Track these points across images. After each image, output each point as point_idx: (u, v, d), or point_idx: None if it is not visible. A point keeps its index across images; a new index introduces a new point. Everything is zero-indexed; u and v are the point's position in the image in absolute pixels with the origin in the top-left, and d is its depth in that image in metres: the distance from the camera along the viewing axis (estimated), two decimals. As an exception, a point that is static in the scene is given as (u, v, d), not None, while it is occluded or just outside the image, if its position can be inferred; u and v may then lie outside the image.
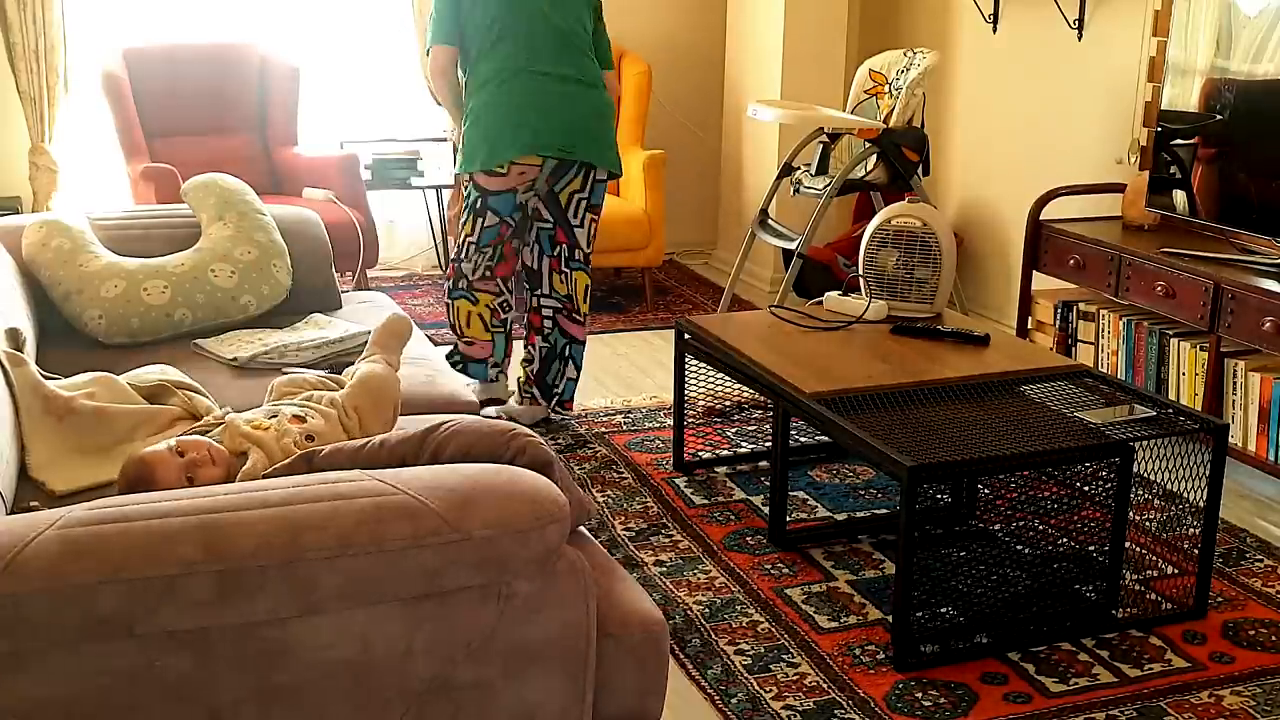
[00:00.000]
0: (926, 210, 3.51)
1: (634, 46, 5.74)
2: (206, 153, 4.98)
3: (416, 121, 5.75)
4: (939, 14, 5.30)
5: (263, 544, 1.56)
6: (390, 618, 1.65)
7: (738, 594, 2.94)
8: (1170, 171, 3.84)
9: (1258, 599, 2.96)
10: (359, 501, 1.63)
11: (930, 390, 2.98)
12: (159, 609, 1.53)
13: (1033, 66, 4.76)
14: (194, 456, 2.13)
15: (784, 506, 3.17)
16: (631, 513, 3.38)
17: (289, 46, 5.38)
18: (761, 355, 3.19)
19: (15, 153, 5.17)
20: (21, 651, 1.51)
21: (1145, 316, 3.86)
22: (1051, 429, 2.77)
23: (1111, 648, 2.73)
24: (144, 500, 1.64)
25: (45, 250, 3.14)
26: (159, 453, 2.14)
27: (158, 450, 2.15)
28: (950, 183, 5.31)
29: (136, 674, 1.56)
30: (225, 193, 3.44)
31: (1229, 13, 3.62)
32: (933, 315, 3.47)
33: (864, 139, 4.51)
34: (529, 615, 1.72)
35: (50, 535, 1.52)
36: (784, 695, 2.54)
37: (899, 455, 2.57)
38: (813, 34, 5.33)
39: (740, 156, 5.79)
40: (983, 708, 2.50)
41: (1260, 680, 2.62)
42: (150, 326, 3.15)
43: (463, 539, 1.64)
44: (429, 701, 1.70)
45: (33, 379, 2.50)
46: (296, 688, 1.63)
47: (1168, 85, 3.82)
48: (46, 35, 4.99)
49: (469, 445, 1.97)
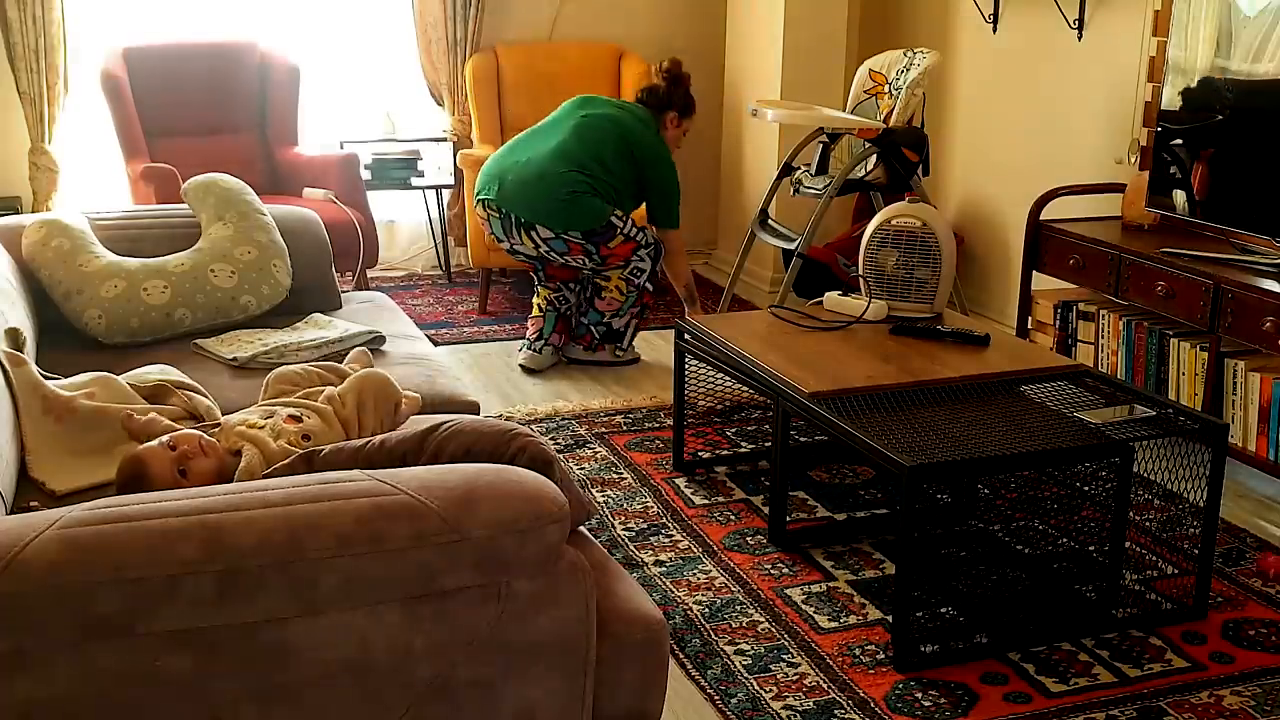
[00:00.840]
0: (926, 210, 3.51)
1: (634, 47, 5.74)
2: (206, 152, 4.98)
3: (416, 121, 5.76)
4: (939, 14, 5.30)
5: (263, 544, 1.56)
6: (390, 618, 1.65)
7: (738, 594, 2.94)
8: (1170, 171, 3.84)
9: (1258, 599, 2.96)
10: (359, 501, 1.63)
11: (930, 390, 2.98)
12: (159, 609, 1.53)
13: (1033, 66, 4.76)
14: (185, 449, 2.16)
15: (784, 506, 3.17)
16: (631, 513, 3.38)
17: (289, 46, 5.38)
18: (761, 355, 3.19)
19: (15, 153, 5.16)
20: (21, 651, 1.51)
21: (1145, 316, 3.85)
22: (1051, 429, 2.77)
23: (1111, 648, 2.73)
24: (144, 500, 1.64)
25: (45, 250, 3.14)
26: (151, 448, 2.17)
27: (150, 446, 2.18)
28: (950, 183, 5.31)
29: (136, 674, 1.56)
30: (225, 193, 3.44)
31: (1229, 13, 3.62)
32: (933, 315, 3.47)
33: (864, 139, 4.51)
34: (529, 615, 1.72)
35: (50, 535, 1.52)
36: (784, 695, 2.54)
37: (899, 455, 2.57)
38: (813, 34, 5.33)
39: (740, 156, 5.79)
40: (983, 708, 2.50)
41: (1260, 680, 2.62)
42: (150, 326, 3.15)
43: (462, 539, 1.64)
44: (429, 701, 1.70)
45: (33, 379, 2.50)
46: (296, 688, 1.63)
47: (1168, 85, 3.82)
48: (46, 35, 4.99)
49: (469, 445, 1.97)
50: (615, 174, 4.38)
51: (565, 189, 4.28)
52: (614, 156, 4.39)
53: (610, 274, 4.46)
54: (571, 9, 5.81)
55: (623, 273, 4.45)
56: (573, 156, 4.34)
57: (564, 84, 5.35)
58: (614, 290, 4.50)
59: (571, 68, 5.58)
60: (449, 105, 5.70)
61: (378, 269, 5.65)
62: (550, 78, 5.54)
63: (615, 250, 4.38)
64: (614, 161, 4.38)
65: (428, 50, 5.63)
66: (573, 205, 4.28)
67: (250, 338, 3.16)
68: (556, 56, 5.66)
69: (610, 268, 4.44)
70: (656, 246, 4.48)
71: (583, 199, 4.29)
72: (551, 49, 5.71)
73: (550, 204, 4.30)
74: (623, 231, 4.36)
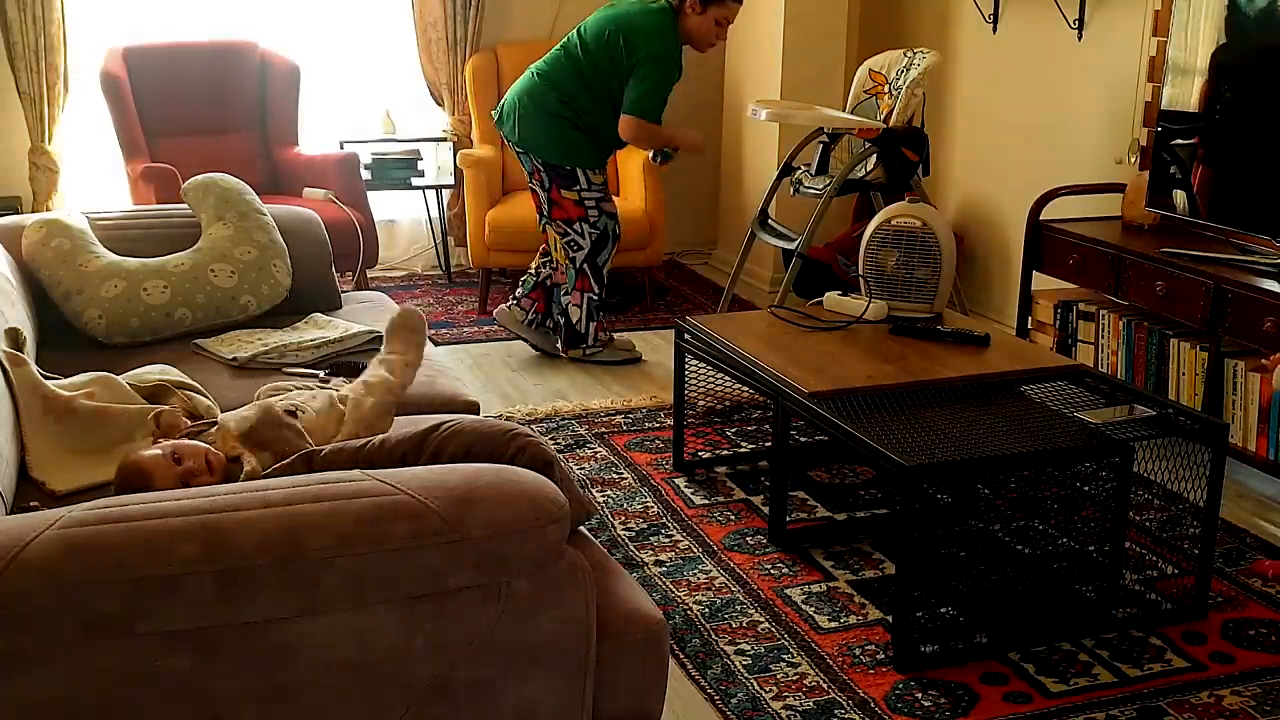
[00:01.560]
0: (926, 210, 3.50)
1: (634, 46, 5.73)
2: (206, 152, 4.98)
3: (416, 121, 5.76)
4: (939, 14, 5.30)
5: (263, 544, 1.56)
6: (390, 618, 1.65)
7: (738, 594, 2.94)
8: (1170, 171, 3.84)
9: (1258, 599, 2.96)
10: (359, 501, 1.63)
11: (930, 390, 2.98)
12: (159, 609, 1.53)
13: (1033, 66, 4.76)
14: (190, 466, 2.11)
15: (784, 506, 3.17)
16: (631, 513, 3.38)
17: (289, 46, 5.37)
18: (761, 355, 3.19)
19: (15, 153, 5.16)
20: (21, 651, 1.51)
21: (1145, 316, 3.85)
22: (1051, 429, 2.77)
23: (1111, 648, 2.73)
24: (144, 500, 1.64)
25: (45, 250, 3.14)
26: (155, 458, 2.11)
27: (154, 455, 2.12)
28: (950, 183, 5.31)
29: (136, 674, 1.56)
30: (225, 192, 3.44)
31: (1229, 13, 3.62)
32: (933, 315, 3.47)
33: (864, 139, 4.51)
34: (529, 615, 1.72)
35: (50, 535, 1.52)
36: (784, 695, 2.54)
37: (899, 455, 2.57)
38: (813, 34, 5.33)
39: (740, 156, 5.79)
40: (983, 708, 2.50)
41: (1260, 680, 2.62)
42: (150, 326, 3.15)
43: (463, 539, 1.64)
44: (429, 701, 1.70)
45: (33, 379, 2.50)
46: (296, 688, 1.63)
47: (1168, 85, 3.81)
48: (46, 35, 4.99)
49: (469, 445, 1.97)
50: (599, 95, 4.32)
51: (544, 112, 4.32)
52: (603, 64, 4.30)
53: (555, 229, 4.44)
54: (571, 9, 5.80)
55: (561, 241, 4.44)
56: (559, 80, 4.34)
57: (564, 84, 5.34)
58: (560, 256, 4.49)
59: (571, 68, 5.58)
60: (449, 105, 5.70)
61: (378, 269, 5.65)
62: (550, 78, 5.54)
63: (563, 203, 4.38)
64: (600, 79, 4.31)
65: (428, 50, 5.63)
66: (546, 130, 4.32)
67: (250, 338, 3.16)
68: (556, 56, 5.65)
69: (555, 220, 4.43)
70: (604, 235, 4.43)
71: (557, 126, 4.31)
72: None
73: (526, 124, 4.36)
74: (580, 188, 4.36)
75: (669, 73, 4.31)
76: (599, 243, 4.43)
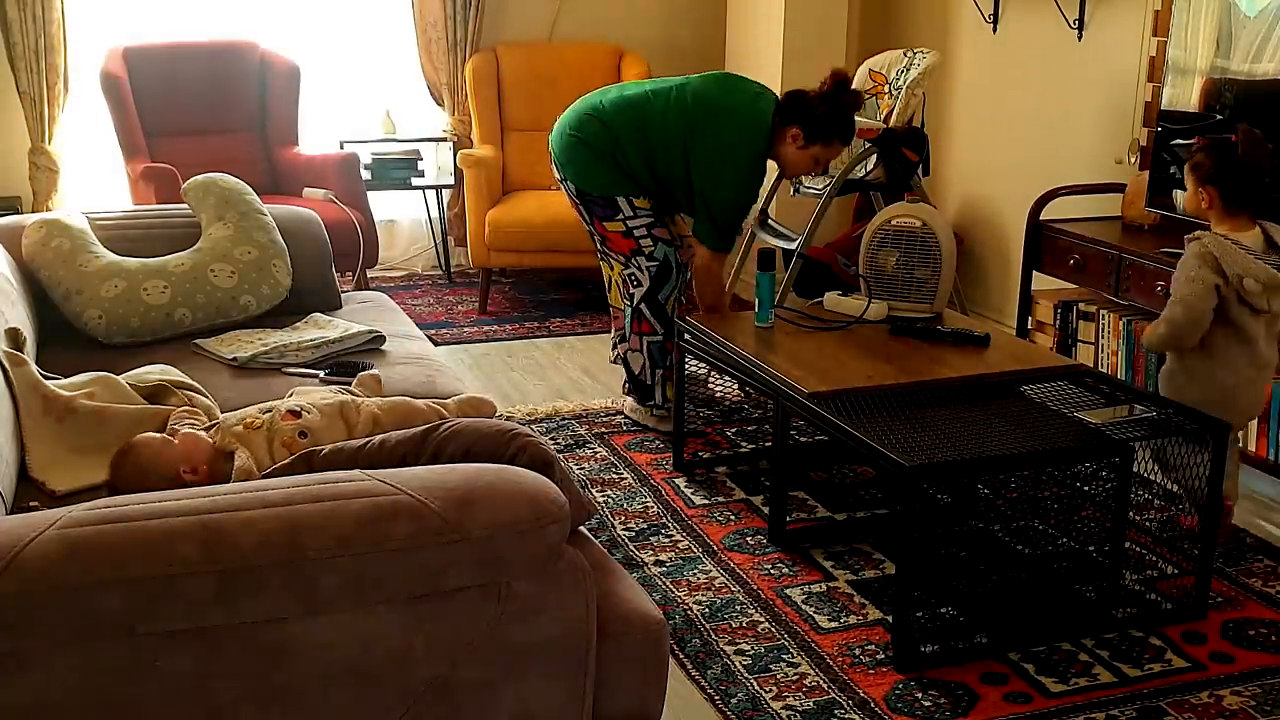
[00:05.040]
0: (926, 210, 3.50)
1: (634, 47, 5.73)
2: (206, 152, 4.98)
3: (416, 121, 5.76)
4: (939, 14, 5.30)
5: (263, 544, 1.56)
6: (390, 618, 1.65)
7: (738, 594, 2.94)
8: (1170, 171, 3.84)
9: (1258, 599, 2.96)
10: (359, 501, 1.63)
11: (930, 390, 2.98)
12: (159, 609, 1.53)
13: (1033, 66, 4.76)
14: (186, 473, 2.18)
15: (784, 506, 3.17)
16: (631, 513, 3.38)
17: (289, 46, 5.37)
18: (761, 355, 3.19)
19: (15, 153, 5.16)
20: (21, 651, 1.51)
21: (1145, 316, 3.85)
22: (1051, 429, 2.77)
23: (1111, 648, 2.73)
24: (144, 500, 1.64)
25: (45, 250, 3.14)
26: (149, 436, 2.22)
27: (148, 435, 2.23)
28: (950, 183, 5.31)
29: (136, 674, 1.56)
30: (225, 193, 3.44)
31: (1229, 13, 3.62)
32: (933, 315, 3.47)
33: (864, 139, 4.51)
34: (529, 615, 1.72)
35: (50, 535, 1.52)
36: (784, 695, 2.54)
37: (899, 455, 2.57)
38: (813, 34, 5.33)
39: (740, 156, 5.78)
40: (983, 708, 2.50)
41: (1260, 680, 2.62)
42: (150, 326, 3.15)
43: (463, 539, 1.64)
44: (429, 701, 1.70)
45: (33, 379, 2.50)
46: (296, 688, 1.63)
47: (1168, 85, 3.81)
48: (46, 35, 4.99)
49: (469, 445, 1.98)
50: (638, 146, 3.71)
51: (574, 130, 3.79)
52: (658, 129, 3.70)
53: (614, 263, 3.90)
54: (571, 9, 5.81)
55: (622, 271, 3.88)
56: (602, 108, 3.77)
57: (564, 84, 5.34)
58: (614, 299, 4.02)
59: (571, 68, 5.58)
60: (449, 105, 5.70)
61: (378, 269, 5.65)
62: (550, 78, 5.54)
63: (610, 236, 3.81)
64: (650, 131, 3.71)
65: (428, 50, 5.63)
66: (573, 149, 3.79)
67: (250, 338, 3.16)
68: (556, 57, 5.65)
69: (612, 253, 3.87)
70: (664, 268, 3.80)
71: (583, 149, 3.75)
72: (551, 49, 5.71)
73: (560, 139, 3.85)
74: (624, 218, 3.76)
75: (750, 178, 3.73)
76: (659, 277, 3.80)
